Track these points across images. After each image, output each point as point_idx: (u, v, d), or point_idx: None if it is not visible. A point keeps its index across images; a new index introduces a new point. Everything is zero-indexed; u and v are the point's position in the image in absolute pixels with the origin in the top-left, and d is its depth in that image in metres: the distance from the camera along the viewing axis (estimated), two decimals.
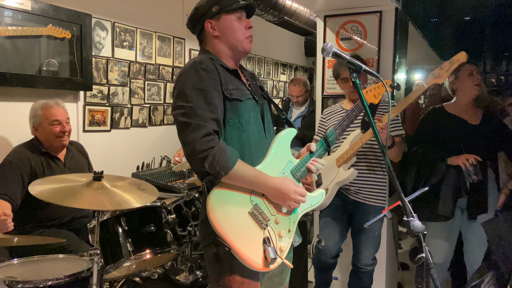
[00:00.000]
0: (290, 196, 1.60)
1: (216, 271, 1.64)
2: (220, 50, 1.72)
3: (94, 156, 3.09)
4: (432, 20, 5.30)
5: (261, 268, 1.56)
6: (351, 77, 1.53)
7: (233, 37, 1.70)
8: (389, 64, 3.03)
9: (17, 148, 2.62)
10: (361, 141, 2.46)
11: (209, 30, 1.71)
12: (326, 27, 3.19)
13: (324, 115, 2.83)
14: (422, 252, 1.41)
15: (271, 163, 1.67)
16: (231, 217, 1.55)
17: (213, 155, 1.48)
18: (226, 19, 1.69)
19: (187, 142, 1.51)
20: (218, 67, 1.63)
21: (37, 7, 2.82)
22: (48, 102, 2.67)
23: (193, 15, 1.74)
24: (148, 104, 3.93)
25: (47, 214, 2.57)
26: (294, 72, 6.86)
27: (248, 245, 1.55)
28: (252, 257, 1.54)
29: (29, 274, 2.02)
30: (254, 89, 1.76)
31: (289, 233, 1.67)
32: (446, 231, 2.68)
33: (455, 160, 2.54)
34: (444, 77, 2.33)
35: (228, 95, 1.61)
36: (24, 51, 2.82)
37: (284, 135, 1.72)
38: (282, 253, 1.62)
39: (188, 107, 1.53)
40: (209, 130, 1.51)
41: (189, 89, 1.56)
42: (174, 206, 2.58)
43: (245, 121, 1.65)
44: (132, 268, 2.49)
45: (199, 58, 1.64)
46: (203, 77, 1.57)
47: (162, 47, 4.02)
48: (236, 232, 1.54)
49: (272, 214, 1.64)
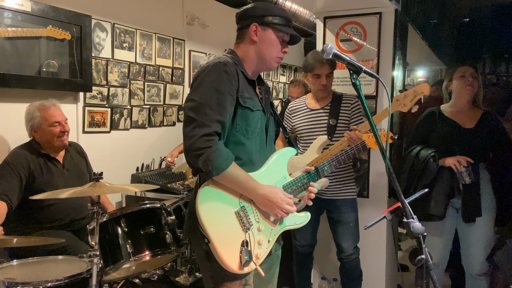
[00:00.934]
0: (278, 204, 1.66)
1: (208, 269, 1.68)
2: (249, 56, 1.76)
3: (93, 157, 3.09)
4: (432, 22, 5.31)
5: (235, 269, 1.59)
6: (351, 78, 1.53)
7: (268, 50, 1.75)
8: (389, 65, 3.03)
9: (16, 149, 2.61)
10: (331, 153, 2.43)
11: (251, 32, 1.74)
12: (326, 28, 3.19)
13: (289, 111, 2.87)
14: (422, 253, 1.41)
15: (266, 174, 1.73)
16: (217, 212, 1.61)
17: (208, 154, 1.52)
18: (271, 33, 1.74)
19: (187, 137, 1.56)
20: (239, 73, 1.68)
21: (37, 8, 2.82)
22: (44, 103, 2.65)
23: (248, 9, 1.77)
24: (148, 105, 3.93)
25: (47, 215, 2.57)
26: (294, 73, 6.86)
27: (227, 242, 1.59)
28: (228, 255, 1.59)
29: (29, 276, 2.01)
30: (265, 102, 1.83)
31: (268, 243, 1.71)
32: (440, 231, 2.69)
33: (447, 161, 2.57)
34: (408, 107, 2.36)
35: (242, 102, 1.66)
36: (23, 52, 2.82)
37: (284, 152, 1.81)
38: (257, 260, 1.66)
39: (199, 103, 1.57)
40: (211, 131, 1.54)
41: (206, 86, 1.60)
42: (174, 207, 2.57)
43: (251, 130, 1.70)
44: (131, 270, 2.48)
45: (225, 59, 1.66)
46: (223, 79, 1.61)
47: (162, 48, 4.03)
48: (219, 226, 1.59)
49: (257, 220, 1.69)
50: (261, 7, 1.75)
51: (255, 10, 1.75)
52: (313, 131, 2.70)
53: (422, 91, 2.34)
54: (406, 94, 2.36)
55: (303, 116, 2.77)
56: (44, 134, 2.61)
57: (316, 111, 2.74)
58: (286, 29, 1.75)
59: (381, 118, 2.38)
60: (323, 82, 2.64)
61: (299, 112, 2.80)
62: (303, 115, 2.77)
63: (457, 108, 2.70)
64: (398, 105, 2.37)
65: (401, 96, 2.37)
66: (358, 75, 1.53)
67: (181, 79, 4.29)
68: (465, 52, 7.30)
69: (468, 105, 2.69)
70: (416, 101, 2.35)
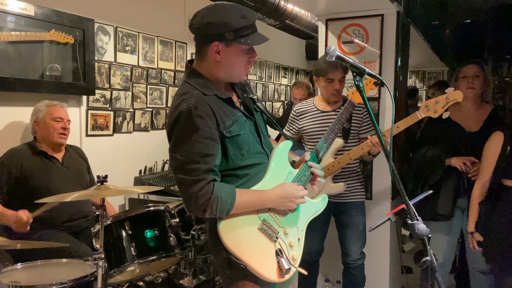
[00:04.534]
0: (292, 197, 1.66)
1: (228, 276, 1.67)
2: (215, 75, 1.63)
3: (96, 160, 3.10)
4: (434, 23, 5.31)
5: (277, 280, 1.61)
6: (354, 80, 1.54)
7: (234, 68, 1.62)
8: (391, 67, 3.03)
9: (12, 149, 2.65)
10: (350, 157, 2.48)
11: (212, 53, 1.58)
12: (328, 30, 3.19)
13: (296, 113, 2.81)
14: (427, 255, 1.41)
15: (272, 178, 1.71)
16: (243, 237, 1.60)
17: (210, 207, 1.52)
18: (236, 48, 1.57)
19: (186, 199, 1.56)
20: (211, 104, 1.56)
21: (40, 13, 2.83)
22: (52, 101, 2.78)
23: (203, 27, 1.57)
24: (151, 108, 3.94)
25: (47, 214, 2.56)
26: (296, 75, 6.87)
27: (262, 260, 1.60)
28: (267, 270, 1.60)
29: (33, 279, 2.02)
30: (246, 103, 1.75)
31: (298, 241, 1.73)
32: (446, 231, 2.69)
33: (452, 162, 2.58)
34: (438, 113, 2.31)
35: (228, 134, 1.59)
36: (27, 56, 2.83)
37: (281, 148, 1.78)
38: (295, 261, 1.68)
39: (183, 162, 1.53)
40: (203, 184, 1.52)
41: (184, 140, 1.53)
42: (178, 210, 2.58)
43: (246, 150, 1.66)
44: (136, 272, 2.48)
45: (192, 98, 1.53)
46: (198, 127, 1.51)
47: (164, 51, 4.04)
48: (249, 250, 1.59)
49: (281, 226, 1.68)
50: (219, 21, 1.53)
51: (211, 27, 1.54)
52: (323, 133, 2.66)
53: (455, 98, 2.27)
54: (437, 100, 2.29)
55: (312, 118, 2.71)
56: (45, 127, 2.68)
57: (326, 113, 2.69)
58: (254, 39, 1.57)
59: (407, 124, 2.34)
60: (337, 87, 2.59)
61: (308, 113, 2.74)
62: (312, 117, 2.72)
63: (462, 110, 2.68)
64: (427, 111, 2.30)
65: (431, 102, 2.30)
66: (361, 77, 1.53)
67: None
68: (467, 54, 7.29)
69: (474, 105, 2.67)
70: (447, 108, 2.28)
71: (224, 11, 1.56)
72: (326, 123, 2.65)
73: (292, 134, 2.81)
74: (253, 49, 1.63)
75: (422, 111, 2.32)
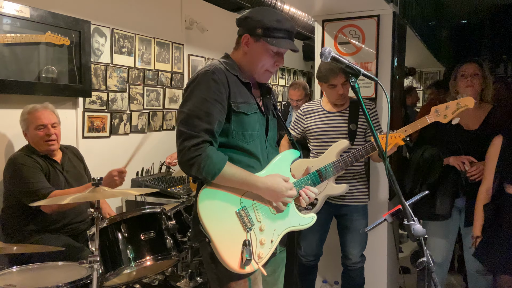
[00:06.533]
0: (283, 194, 1.69)
1: (213, 270, 1.69)
2: (241, 63, 1.77)
3: (93, 162, 3.09)
4: (430, 24, 5.32)
5: (236, 268, 1.60)
6: (350, 81, 1.54)
7: (256, 64, 1.73)
8: (388, 68, 3.03)
9: (16, 153, 2.60)
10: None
11: (242, 43, 1.74)
12: (324, 31, 3.20)
13: (302, 112, 2.79)
14: (423, 256, 1.41)
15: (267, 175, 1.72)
16: (218, 212, 1.63)
17: (199, 163, 1.57)
18: (263, 45, 1.70)
19: (179, 150, 1.63)
20: (230, 78, 1.68)
21: (36, 14, 2.82)
22: (35, 106, 2.64)
23: (242, 20, 1.76)
24: (147, 110, 3.93)
25: (46, 218, 2.55)
26: (293, 76, 6.87)
27: (227, 243, 1.61)
28: (230, 256, 1.60)
29: (29, 282, 2.01)
30: (265, 102, 1.83)
31: (271, 243, 1.71)
32: (444, 230, 2.69)
33: (450, 161, 2.58)
34: (448, 118, 2.25)
35: (235, 108, 1.67)
36: (23, 58, 2.82)
37: (287, 154, 1.82)
38: (260, 259, 1.66)
39: (188, 115, 1.62)
40: (199, 140, 1.58)
41: (195, 97, 1.63)
42: (174, 212, 2.57)
43: (249, 134, 1.71)
44: (132, 275, 2.47)
45: (213, 67, 1.68)
46: (211, 87, 1.62)
47: (161, 52, 4.03)
48: (219, 228, 1.61)
49: (259, 220, 1.69)
50: (255, 18, 1.70)
51: (248, 20, 1.72)
52: (329, 133, 2.64)
53: (466, 104, 2.22)
54: (448, 105, 2.24)
55: (318, 118, 2.70)
56: (31, 136, 2.62)
57: (332, 113, 2.67)
58: (281, 43, 1.69)
59: (415, 128, 2.28)
60: (340, 92, 2.56)
61: (314, 113, 2.73)
62: (318, 117, 2.70)
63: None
64: (437, 116, 2.24)
65: (442, 107, 2.24)
66: (357, 78, 1.53)
67: (180, 83, 4.30)
68: (464, 54, 7.31)
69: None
70: (458, 114, 2.23)
71: (263, 12, 1.73)
72: (331, 124, 2.65)
73: (297, 134, 2.80)
74: (281, 54, 1.74)
75: (432, 115, 2.25)
